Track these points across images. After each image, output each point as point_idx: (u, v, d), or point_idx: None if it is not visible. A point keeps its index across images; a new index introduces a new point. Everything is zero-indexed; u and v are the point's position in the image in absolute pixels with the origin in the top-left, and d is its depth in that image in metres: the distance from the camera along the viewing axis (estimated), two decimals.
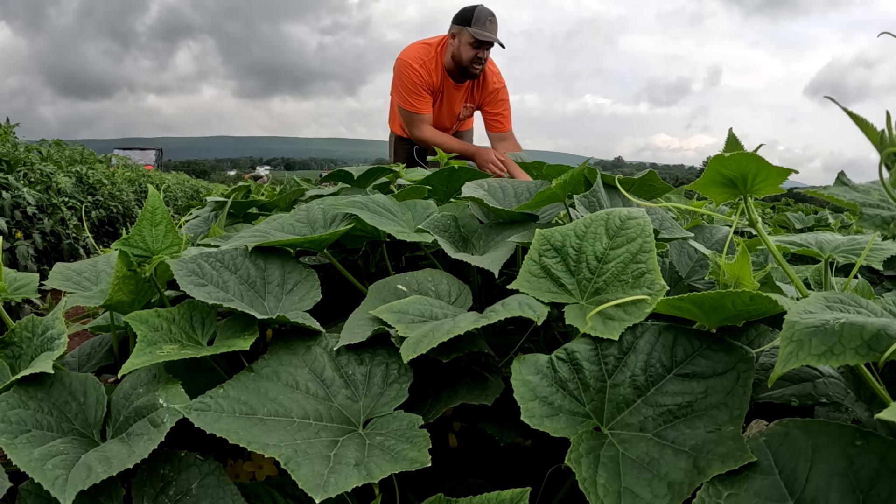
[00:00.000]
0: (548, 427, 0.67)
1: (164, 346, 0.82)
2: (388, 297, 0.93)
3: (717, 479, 0.57)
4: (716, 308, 0.72)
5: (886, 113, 0.58)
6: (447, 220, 1.12)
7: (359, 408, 0.79)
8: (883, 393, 0.67)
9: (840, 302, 0.63)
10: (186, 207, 10.30)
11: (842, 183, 0.71)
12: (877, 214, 0.63)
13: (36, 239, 4.17)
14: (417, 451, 0.68)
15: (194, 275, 0.93)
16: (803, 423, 0.58)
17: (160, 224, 0.97)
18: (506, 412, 0.84)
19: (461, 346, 0.82)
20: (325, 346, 0.85)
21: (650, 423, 0.66)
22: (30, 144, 5.88)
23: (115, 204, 7.21)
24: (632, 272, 0.81)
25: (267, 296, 0.97)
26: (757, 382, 0.78)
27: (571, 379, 0.72)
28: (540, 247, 0.88)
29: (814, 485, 0.53)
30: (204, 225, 1.76)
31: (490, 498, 0.67)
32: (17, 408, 0.76)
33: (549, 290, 0.84)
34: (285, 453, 0.65)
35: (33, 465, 0.66)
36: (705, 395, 0.67)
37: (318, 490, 0.60)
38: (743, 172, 0.70)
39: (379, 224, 1.06)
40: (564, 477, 0.81)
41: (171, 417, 0.72)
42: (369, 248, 1.34)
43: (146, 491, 0.70)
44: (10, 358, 0.91)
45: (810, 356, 0.54)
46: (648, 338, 0.74)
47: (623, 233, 0.85)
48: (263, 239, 1.06)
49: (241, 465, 0.88)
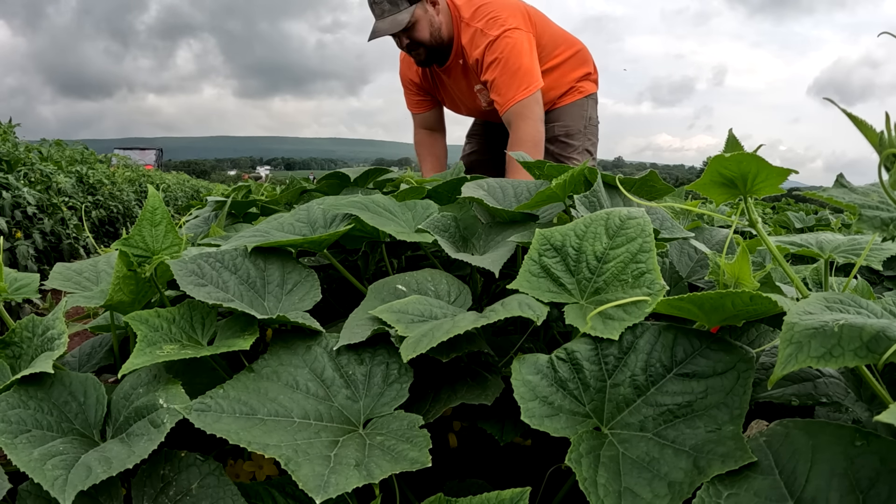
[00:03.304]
0: (548, 427, 0.67)
1: (164, 346, 0.82)
2: (388, 296, 0.93)
3: (717, 478, 0.57)
4: (716, 308, 0.72)
5: (886, 114, 0.58)
6: (447, 220, 1.12)
7: (359, 408, 0.79)
8: (883, 393, 0.67)
9: (840, 303, 0.63)
10: (186, 207, 10.30)
11: (841, 185, 0.71)
12: (876, 216, 0.63)
13: (36, 239, 4.17)
14: (418, 452, 0.68)
15: (194, 275, 0.93)
16: (803, 424, 0.58)
17: (160, 224, 0.97)
18: (506, 412, 0.84)
19: (461, 346, 0.82)
20: (326, 346, 0.86)
21: (650, 423, 0.66)
22: (30, 144, 5.89)
23: (116, 204, 7.21)
24: (632, 272, 0.81)
25: (267, 296, 0.97)
26: (757, 382, 0.78)
27: (571, 379, 0.72)
28: (540, 246, 0.88)
29: (814, 485, 0.53)
30: (204, 225, 1.76)
31: (490, 498, 0.67)
32: (17, 408, 0.76)
33: (548, 290, 0.84)
34: (285, 453, 0.65)
35: (33, 465, 0.66)
36: (705, 394, 0.67)
37: (319, 490, 0.60)
38: (743, 173, 0.70)
39: (379, 224, 1.06)
40: (564, 477, 0.81)
41: (172, 418, 0.72)
42: (369, 248, 1.34)
43: (146, 491, 0.70)
44: (11, 358, 0.91)
45: (809, 358, 0.54)
46: (648, 337, 0.74)
47: (623, 232, 0.85)
48: (263, 239, 1.06)
49: (242, 465, 0.88)
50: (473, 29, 2.40)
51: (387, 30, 2.35)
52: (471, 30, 2.41)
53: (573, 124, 2.66)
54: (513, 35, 2.34)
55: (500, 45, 2.34)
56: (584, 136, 2.68)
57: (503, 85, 2.34)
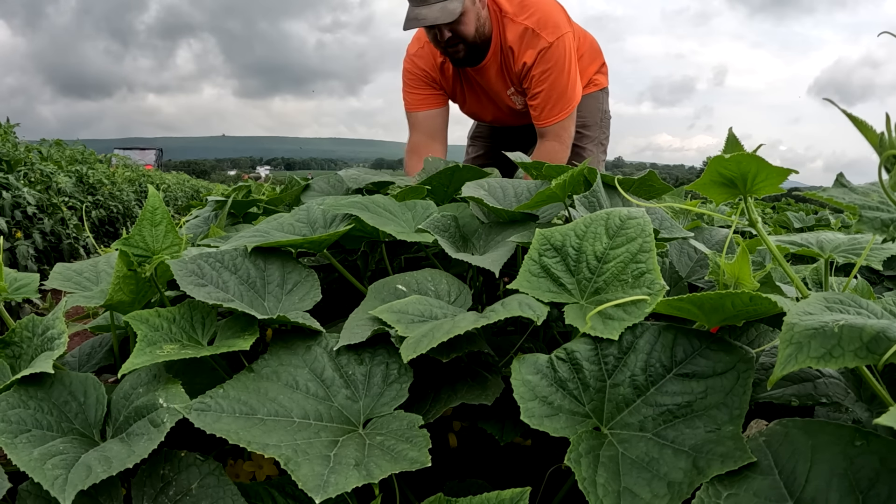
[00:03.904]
0: (547, 427, 0.67)
1: (164, 345, 0.82)
2: (388, 297, 0.93)
3: (716, 479, 0.57)
4: (716, 308, 0.72)
5: (886, 115, 0.58)
6: (447, 220, 1.12)
7: (359, 408, 0.79)
8: (883, 394, 0.67)
9: (840, 303, 0.63)
10: (186, 207, 10.31)
11: (841, 185, 0.71)
12: (876, 217, 0.63)
13: (36, 239, 4.18)
14: (417, 451, 0.68)
15: (194, 275, 0.93)
16: (803, 424, 0.58)
17: (160, 224, 0.97)
18: (506, 412, 0.84)
19: (461, 346, 0.82)
20: (325, 346, 0.86)
21: (650, 423, 0.66)
22: (30, 144, 5.89)
23: (116, 204, 7.21)
24: (631, 272, 0.81)
25: (267, 296, 0.97)
26: (757, 382, 0.78)
27: (571, 379, 0.72)
28: (540, 246, 0.88)
29: (813, 485, 0.53)
30: (204, 225, 1.76)
31: (490, 498, 0.67)
32: (17, 407, 0.76)
33: (548, 290, 0.84)
34: (285, 453, 0.65)
35: (33, 464, 0.66)
36: (705, 394, 0.67)
37: (319, 490, 0.60)
38: (743, 173, 0.70)
39: (379, 224, 1.06)
40: (565, 477, 0.81)
41: (172, 417, 0.72)
42: (368, 248, 1.34)
43: (146, 491, 0.70)
44: (11, 358, 0.92)
45: (809, 359, 0.54)
46: (648, 337, 0.74)
47: (623, 232, 0.85)
48: (263, 239, 1.07)
49: (241, 465, 0.88)
50: (523, 27, 2.16)
51: (435, 18, 2.01)
52: (518, 27, 2.17)
53: (590, 116, 2.58)
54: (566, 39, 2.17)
55: (553, 55, 2.15)
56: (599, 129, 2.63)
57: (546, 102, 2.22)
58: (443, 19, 2.02)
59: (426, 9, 2.03)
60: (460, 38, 2.11)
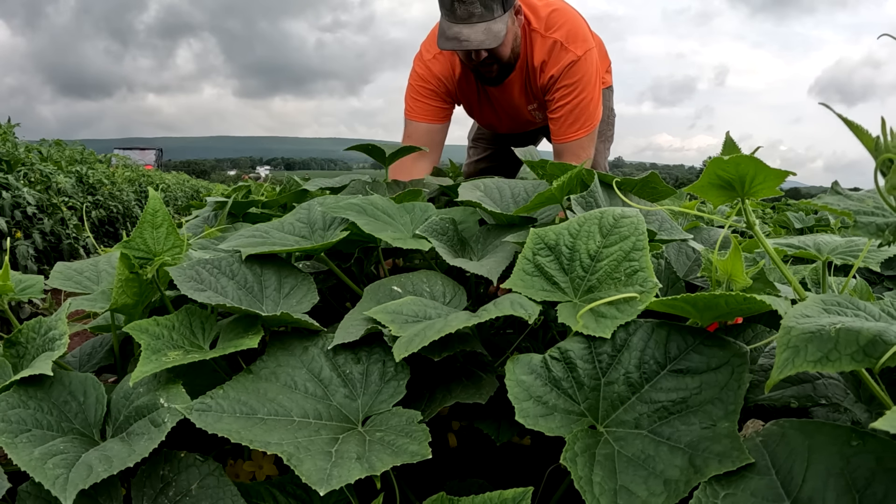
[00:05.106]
0: (543, 427, 0.67)
1: (168, 352, 0.82)
2: (384, 298, 0.93)
3: (713, 478, 0.57)
4: (709, 306, 0.72)
5: (881, 119, 0.58)
6: (446, 223, 1.12)
7: (357, 406, 0.79)
8: (882, 395, 0.67)
9: (838, 305, 0.63)
10: (186, 207, 10.30)
11: (836, 192, 0.71)
12: (871, 222, 0.63)
13: (36, 239, 4.17)
14: (418, 445, 0.68)
15: (193, 280, 0.94)
16: (799, 424, 0.59)
17: (161, 226, 0.97)
18: (502, 411, 0.85)
19: (453, 345, 0.82)
20: (322, 347, 0.86)
21: (645, 420, 0.66)
22: (30, 144, 5.88)
23: (115, 204, 7.21)
24: (624, 270, 0.81)
25: (265, 300, 0.97)
26: (756, 384, 0.79)
27: (565, 378, 0.72)
28: (534, 245, 0.88)
29: (810, 485, 0.53)
30: (203, 225, 1.77)
31: (492, 497, 0.67)
32: (18, 407, 0.76)
33: (542, 289, 0.84)
34: (287, 450, 0.66)
35: (34, 464, 0.66)
36: (699, 390, 0.67)
37: (322, 483, 0.61)
38: (741, 175, 0.70)
39: (375, 230, 1.05)
40: (564, 476, 0.82)
41: (172, 417, 0.73)
42: (362, 254, 1.33)
43: (146, 491, 0.70)
44: (15, 357, 0.92)
45: (806, 362, 0.54)
46: (642, 335, 0.74)
47: (616, 231, 0.85)
48: (262, 239, 1.07)
49: (241, 465, 0.88)
50: (552, 41, 2.04)
51: (480, 42, 1.83)
52: (548, 41, 2.05)
53: None
54: (593, 55, 2.08)
55: (581, 68, 2.04)
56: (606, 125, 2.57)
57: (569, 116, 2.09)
58: (488, 44, 1.84)
59: (469, 28, 1.83)
60: (496, 58, 1.97)
